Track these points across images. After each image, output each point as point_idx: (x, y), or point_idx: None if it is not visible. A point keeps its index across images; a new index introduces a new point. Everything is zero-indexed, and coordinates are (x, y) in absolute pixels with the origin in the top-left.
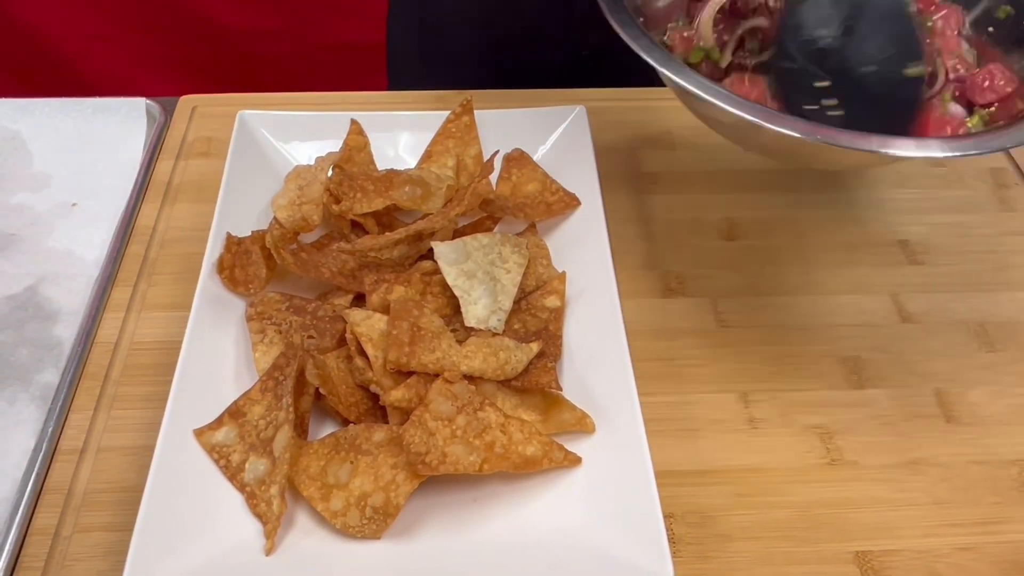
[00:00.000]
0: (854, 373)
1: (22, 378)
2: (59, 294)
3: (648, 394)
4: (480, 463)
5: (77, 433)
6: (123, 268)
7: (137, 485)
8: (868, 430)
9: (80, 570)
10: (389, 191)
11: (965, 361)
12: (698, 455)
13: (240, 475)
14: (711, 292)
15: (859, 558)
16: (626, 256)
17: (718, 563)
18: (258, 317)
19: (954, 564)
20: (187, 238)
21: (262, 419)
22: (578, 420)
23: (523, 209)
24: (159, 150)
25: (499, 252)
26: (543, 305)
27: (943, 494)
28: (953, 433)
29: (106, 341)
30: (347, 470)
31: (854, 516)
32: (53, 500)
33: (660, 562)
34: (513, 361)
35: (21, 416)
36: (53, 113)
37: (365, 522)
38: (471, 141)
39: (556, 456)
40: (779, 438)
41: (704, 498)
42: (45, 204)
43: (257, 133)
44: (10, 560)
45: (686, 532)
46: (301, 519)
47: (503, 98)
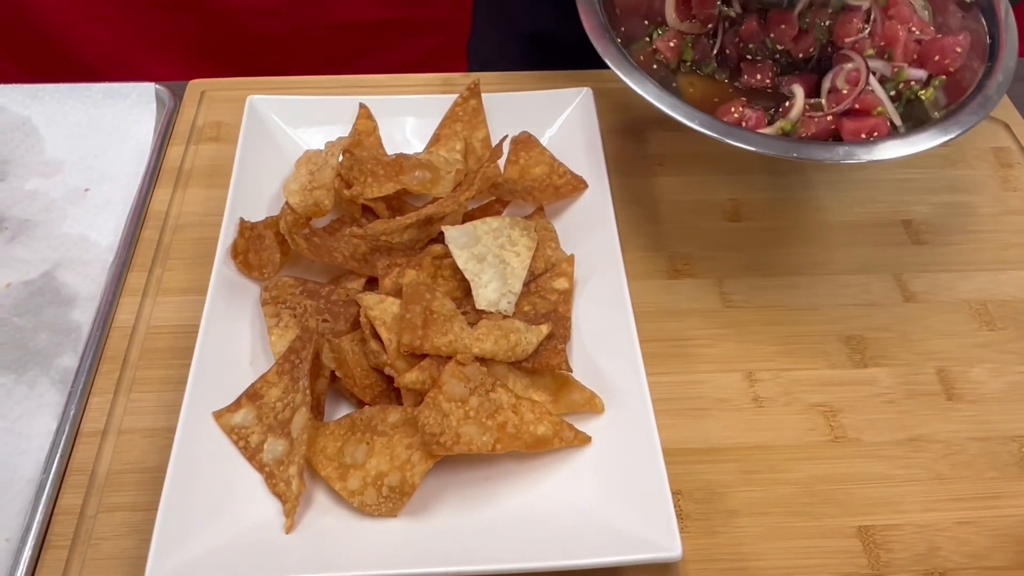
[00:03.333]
0: (857, 352)
1: (42, 362)
2: (75, 279)
3: (656, 374)
4: (493, 443)
5: (98, 416)
6: (138, 253)
7: (158, 466)
8: (871, 408)
9: (106, 548)
10: (399, 176)
11: (966, 340)
12: (705, 433)
13: (259, 456)
14: (717, 273)
15: (861, 532)
16: (633, 238)
17: (725, 538)
18: (273, 301)
19: (954, 538)
20: (200, 223)
21: (279, 401)
22: (587, 400)
23: (531, 192)
24: (169, 135)
25: (508, 235)
26: (552, 287)
27: (944, 470)
28: (954, 410)
29: (123, 325)
30: (363, 450)
31: (857, 492)
32: (77, 481)
33: (669, 538)
34: (524, 343)
35: (43, 399)
36: (62, 98)
37: (382, 500)
38: (479, 124)
39: (566, 435)
40: (784, 416)
41: (711, 475)
42: (58, 190)
43: (267, 118)
44: (38, 539)
45: (693, 508)
46: (319, 498)
47: (509, 80)
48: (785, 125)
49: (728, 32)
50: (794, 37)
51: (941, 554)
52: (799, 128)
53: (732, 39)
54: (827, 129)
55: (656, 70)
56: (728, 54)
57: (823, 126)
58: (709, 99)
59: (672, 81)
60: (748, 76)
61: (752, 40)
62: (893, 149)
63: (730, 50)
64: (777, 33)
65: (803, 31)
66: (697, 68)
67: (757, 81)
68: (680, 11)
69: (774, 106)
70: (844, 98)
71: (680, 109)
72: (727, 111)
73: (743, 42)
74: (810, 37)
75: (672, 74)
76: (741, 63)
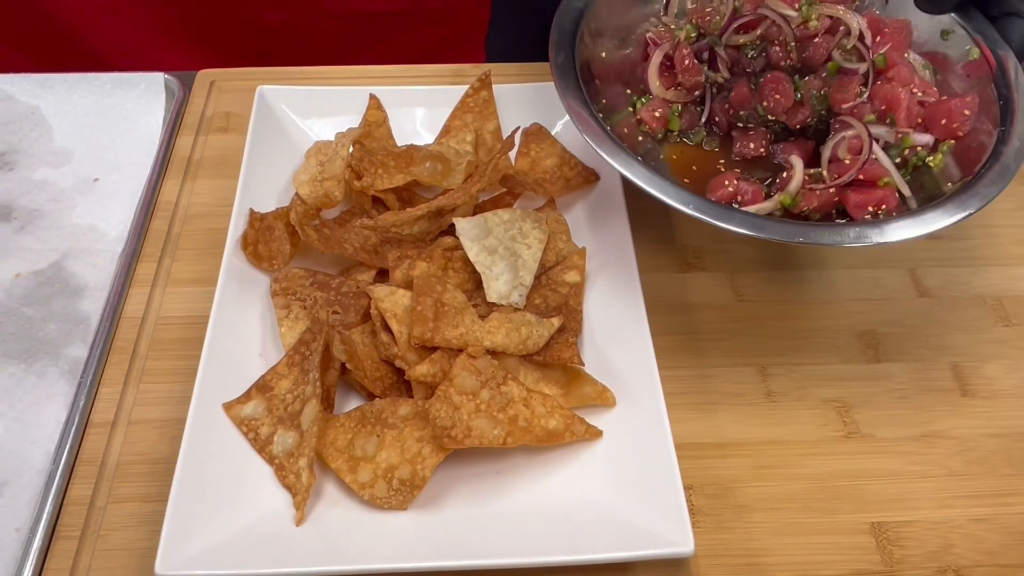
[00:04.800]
0: (871, 347)
1: (51, 352)
2: (84, 269)
3: (667, 368)
4: (504, 436)
5: (108, 406)
6: (147, 243)
7: (168, 457)
8: (884, 403)
9: (116, 540)
10: (410, 167)
11: (981, 335)
12: (717, 428)
13: (269, 448)
14: (729, 267)
15: (875, 529)
16: (645, 231)
17: (736, 533)
18: (283, 293)
19: (968, 535)
20: (209, 213)
21: (289, 393)
22: (599, 394)
23: (542, 184)
24: (179, 125)
25: (519, 228)
26: (563, 280)
27: (958, 466)
28: (968, 406)
29: (133, 316)
30: (374, 443)
31: (870, 488)
32: (87, 471)
33: (681, 533)
34: (535, 336)
35: (52, 389)
36: (71, 88)
37: (392, 494)
38: (490, 116)
39: (578, 429)
40: (796, 411)
41: (723, 470)
42: (67, 180)
43: (277, 108)
44: (47, 530)
45: (705, 503)
46: (329, 490)
47: (520, 71)
48: (784, 199)
49: (717, 99)
50: (788, 108)
51: (955, 551)
52: (799, 202)
53: (721, 106)
54: (830, 202)
55: (641, 142)
56: (718, 121)
57: (825, 199)
58: (701, 170)
59: (659, 152)
60: (740, 145)
61: (743, 107)
62: (907, 229)
63: (719, 117)
64: (771, 102)
65: (798, 103)
66: (685, 137)
67: (750, 150)
68: (664, 79)
69: (769, 176)
70: (847, 168)
71: (674, 193)
72: (720, 184)
73: (733, 109)
74: (806, 108)
75: (658, 144)
76: (732, 131)
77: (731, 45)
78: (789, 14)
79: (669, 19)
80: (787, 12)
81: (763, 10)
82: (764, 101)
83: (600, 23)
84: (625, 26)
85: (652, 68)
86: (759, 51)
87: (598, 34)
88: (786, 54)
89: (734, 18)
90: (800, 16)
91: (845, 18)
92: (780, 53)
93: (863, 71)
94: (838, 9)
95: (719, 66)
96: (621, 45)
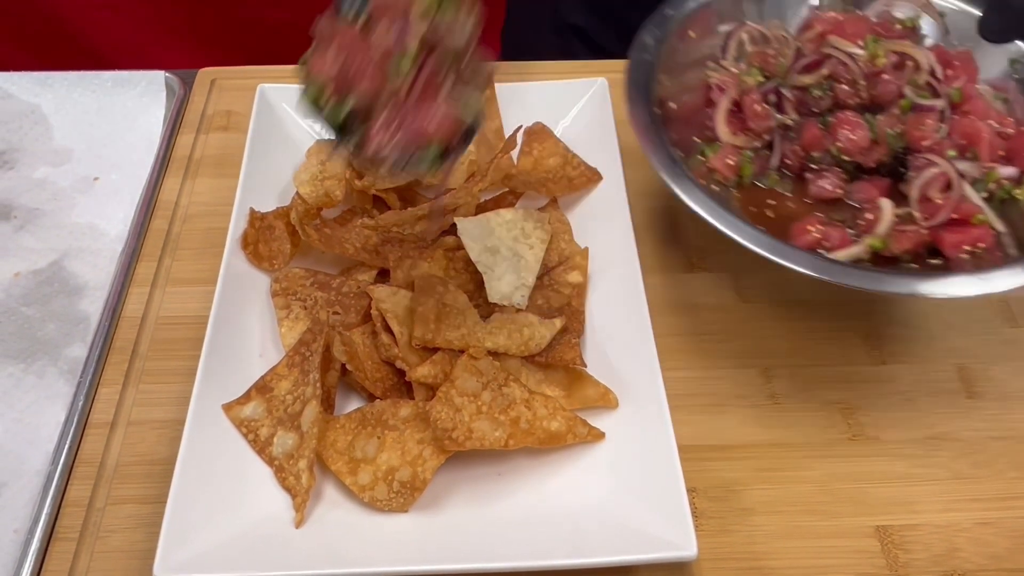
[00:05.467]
0: (876, 348)
1: (51, 352)
2: (84, 269)
3: (671, 369)
4: (506, 439)
5: (107, 407)
6: (147, 243)
7: (167, 458)
8: (889, 405)
9: (114, 541)
10: None
11: (987, 337)
12: (720, 430)
13: (268, 449)
14: (733, 267)
15: (880, 532)
16: (648, 231)
17: (740, 536)
18: (283, 293)
19: (974, 538)
20: (209, 213)
21: (289, 394)
22: (601, 396)
23: (545, 184)
24: (179, 124)
25: (522, 228)
26: (566, 281)
27: (964, 469)
28: (974, 408)
29: (132, 316)
30: (374, 445)
31: (875, 491)
32: (86, 472)
33: (684, 537)
34: (537, 337)
35: (51, 390)
36: (72, 86)
37: (392, 496)
38: (492, 115)
39: (580, 431)
40: (800, 413)
41: (726, 472)
42: (67, 179)
43: (278, 107)
44: (46, 531)
45: (708, 506)
46: (329, 492)
47: (522, 70)
48: (874, 243)
49: (786, 141)
50: (864, 148)
51: (961, 555)
52: (891, 244)
53: (792, 147)
54: (922, 242)
55: (716, 190)
56: (789, 164)
57: (918, 239)
58: (777, 214)
59: (731, 197)
60: (816, 187)
61: (815, 148)
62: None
63: (790, 159)
64: (846, 143)
65: (874, 142)
66: (757, 181)
67: (827, 191)
68: (732, 124)
69: (848, 217)
70: (939, 208)
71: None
72: (804, 230)
73: (805, 151)
74: (882, 147)
75: (729, 189)
76: (804, 172)
77: (796, 86)
78: (856, 52)
79: (728, 62)
80: (853, 51)
81: (827, 49)
82: (838, 141)
83: (668, 73)
84: (688, 73)
85: (720, 116)
86: (825, 90)
87: (667, 85)
88: (855, 92)
89: (798, 58)
90: (867, 54)
91: (914, 53)
92: (848, 91)
93: (940, 107)
94: (905, 44)
95: (786, 108)
96: (685, 92)
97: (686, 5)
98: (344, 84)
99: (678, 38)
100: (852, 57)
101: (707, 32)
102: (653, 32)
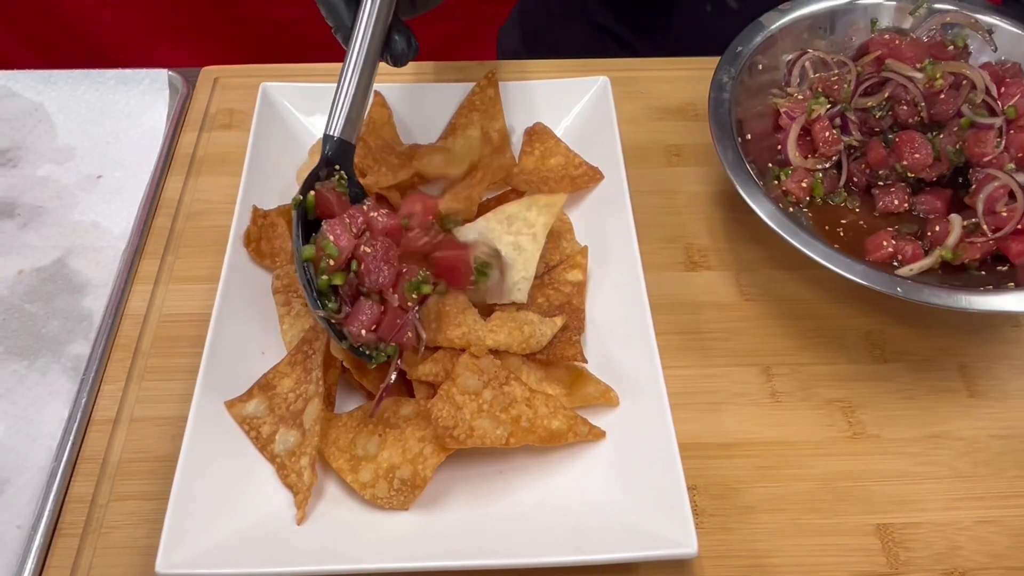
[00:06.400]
0: (877, 347)
1: (54, 349)
2: (87, 267)
3: (672, 367)
4: (507, 437)
5: (110, 404)
6: (150, 241)
7: (170, 455)
8: (890, 404)
9: (117, 538)
10: (413, 162)
11: (989, 336)
12: (721, 428)
13: (270, 447)
14: (734, 265)
15: (880, 530)
16: (649, 229)
17: (741, 534)
18: (284, 290)
19: (975, 537)
20: (212, 211)
21: (291, 392)
22: (602, 394)
23: (547, 183)
24: (182, 122)
25: (524, 218)
26: (566, 279)
27: (965, 467)
28: (976, 407)
29: (135, 313)
30: (375, 443)
31: (876, 489)
32: (89, 469)
33: (685, 534)
34: (538, 335)
35: (54, 387)
36: (75, 84)
37: (393, 494)
38: (496, 114)
39: (581, 430)
40: (801, 411)
41: (727, 470)
42: (70, 177)
43: (280, 105)
44: (49, 527)
45: (709, 504)
46: (331, 490)
47: (525, 69)
48: (945, 254)
49: (853, 161)
50: (927, 166)
51: (962, 553)
52: (961, 255)
53: (858, 167)
54: (989, 252)
55: (791, 212)
56: (856, 182)
57: (986, 249)
58: (848, 229)
59: (803, 216)
60: (883, 203)
61: (881, 167)
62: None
63: (858, 178)
64: (910, 161)
65: (936, 160)
66: (828, 199)
67: (894, 206)
68: (801, 148)
69: (916, 229)
70: (1005, 220)
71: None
72: (878, 245)
73: (871, 169)
74: (943, 163)
75: (802, 209)
76: (871, 188)
77: (859, 108)
78: (915, 76)
79: (792, 88)
80: (912, 74)
81: (887, 73)
82: (902, 160)
83: (739, 105)
84: (755, 100)
85: (791, 141)
86: (886, 111)
87: (742, 118)
88: (915, 112)
89: (860, 83)
90: (925, 76)
91: (970, 73)
92: (908, 111)
93: (998, 125)
94: (961, 65)
95: (851, 129)
96: (756, 119)
97: (753, 40)
98: (346, 264)
99: (748, 71)
100: (911, 80)
101: (773, 61)
102: (727, 70)
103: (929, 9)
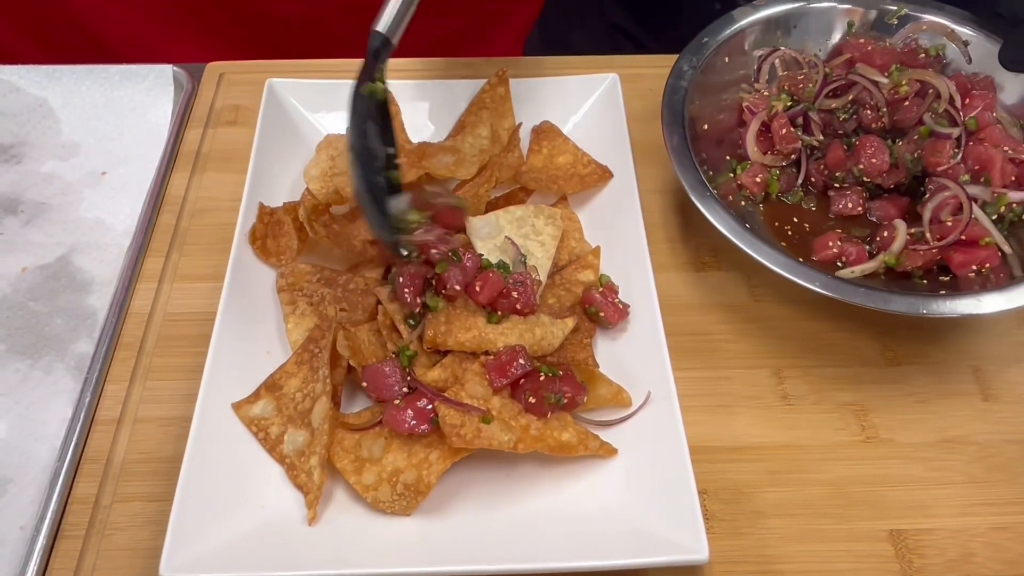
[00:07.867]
0: (889, 349)
1: (58, 348)
2: (91, 264)
3: (682, 369)
4: (515, 442)
5: (114, 403)
6: (154, 238)
7: (175, 456)
8: (903, 407)
9: (120, 539)
10: (422, 161)
11: (1004, 338)
12: (731, 431)
13: (279, 447)
14: (745, 266)
15: (893, 536)
16: (659, 229)
17: (751, 539)
18: (288, 288)
19: (989, 543)
20: (217, 208)
21: (299, 391)
22: (615, 395)
23: (556, 181)
24: (187, 118)
25: (532, 224)
26: (577, 279)
27: (979, 473)
28: (990, 411)
29: (139, 312)
30: (381, 445)
31: (888, 494)
32: (92, 469)
33: (695, 540)
34: (549, 337)
35: (58, 386)
36: (80, 80)
37: (396, 498)
38: (505, 112)
39: (592, 444)
40: (813, 415)
41: (738, 474)
42: (75, 173)
43: (286, 101)
44: (52, 528)
45: (720, 508)
46: (337, 494)
47: (534, 66)
48: (888, 259)
49: (812, 161)
50: (884, 171)
51: (976, 560)
52: (903, 261)
53: (817, 167)
54: (932, 260)
55: (743, 205)
56: (813, 182)
57: (929, 258)
58: (799, 228)
59: (757, 212)
60: (838, 205)
61: (839, 168)
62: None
63: (815, 178)
64: (867, 165)
65: (893, 166)
66: (783, 197)
67: (848, 209)
68: (760, 144)
69: (868, 233)
70: (949, 230)
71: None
72: (824, 246)
73: (829, 170)
74: (901, 170)
75: (757, 205)
76: (828, 190)
77: (823, 109)
78: (880, 80)
79: (760, 85)
80: (878, 79)
81: (854, 76)
82: (860, 164)
83: (701, 97)
84: (721, 94)
85: (750, 136)
86: (850, 114)
87: (700, 108)
88: (877, 117)
89: (826, 84)
90: (891, 82)
91: (935, 82)
92: (872, 116)
93: (956, 135)
94: (927, 73)
95: (813, 130)
96: (718, 112)
97: (722, 32)
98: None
99: (713, 63)
100: (876, 85)
101: (740, 56)
102: (690, 59)
103: (906, 16)
